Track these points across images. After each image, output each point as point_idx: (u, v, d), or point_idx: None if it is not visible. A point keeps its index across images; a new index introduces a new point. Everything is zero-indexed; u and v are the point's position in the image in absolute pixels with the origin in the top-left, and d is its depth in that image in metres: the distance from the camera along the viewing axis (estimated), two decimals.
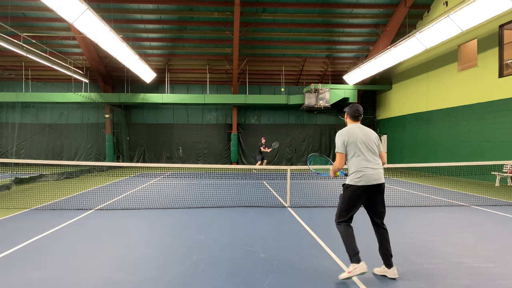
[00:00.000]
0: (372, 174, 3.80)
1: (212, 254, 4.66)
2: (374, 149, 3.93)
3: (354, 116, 4.05)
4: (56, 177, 13.68)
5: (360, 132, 3.94)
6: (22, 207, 7.95)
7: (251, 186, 12.13)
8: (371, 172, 3.80)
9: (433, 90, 17.31)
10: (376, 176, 3.81)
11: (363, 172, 3.80)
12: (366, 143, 3.90)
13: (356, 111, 4.04)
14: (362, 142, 3.88)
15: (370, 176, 3.79)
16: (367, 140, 3.91)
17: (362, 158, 3.84)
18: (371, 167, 3.82)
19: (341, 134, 3.97)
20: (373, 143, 3.94)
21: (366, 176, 3.79)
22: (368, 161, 3.84)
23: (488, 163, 11.02)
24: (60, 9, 9.95)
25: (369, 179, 3.79)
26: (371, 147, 3.90)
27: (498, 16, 11.83)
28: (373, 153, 3.91)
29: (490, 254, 4.73)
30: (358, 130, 3.96)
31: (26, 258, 4.48)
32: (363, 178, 3.79)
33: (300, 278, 3.86)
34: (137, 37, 19.18)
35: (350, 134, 3.91)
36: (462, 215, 7.29)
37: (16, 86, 22.19)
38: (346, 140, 3.90)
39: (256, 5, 16.86)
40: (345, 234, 3.83)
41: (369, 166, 3.82)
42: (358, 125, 4.03)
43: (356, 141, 3.88)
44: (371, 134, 3.99)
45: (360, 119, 4.09)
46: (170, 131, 23.50)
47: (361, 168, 3.82)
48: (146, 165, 8.69)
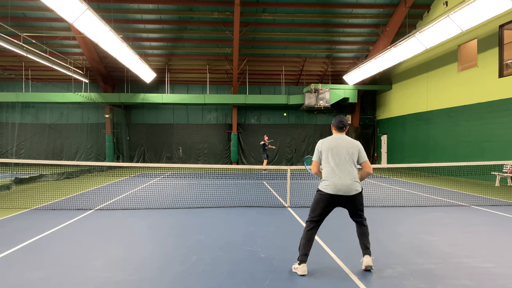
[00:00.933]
0: (339, 185, 3.89)
1: (212, 254, 4.66)
2: (348, 160, 3.97)
3: (338, 127, 4.19)
4: (56, 177, 13.68)
5: (336, 143, 4.04)
6: (22, 207, 7.95)
7: (251, 186, 12.13)
8: (337, 183, 3.90)
9: (433, 90, 17.31)
10: (342, 188, 3.89)
11: (330, 181, 3.94)
12: (340, 153, 3.98)
13: (340, 122, 4.18)
14: (336, 153, 3.99)
15: (336, 187, 3.90)
16: (341, 151, 3.99)
17: (331, 168, 3.97)
18: (338, 178, 3.91)
19: (319, 142, 4.16)
20: (348, 154, 3.99)
21: (332, 186, 3.92)
22: (334, 173, 3.94)
23: (488, 163, 11.03)
24: (60, 9, 9.95)
25: (335, 189, 3.90)
26: (344, 158, 3.97)
27: (498, 16, 11.82)
28: (345, 164, 3.95)
29: (490, 254, 4.73)
30: (336, 141, 4.06)
31: (26, 258, 4.48)
32: (329, 187, 3.93)
33: (300, 278, 3.86)
34: (137, 37, 19.18)
35: (326, 144, 4.07)
36: (462, 215, 7.29)
37: (16, 86, 22.18)
38: (321, 148, 4.09)
39: (256, 5, 16.86)
40: (304, 233, 4.03)
41: (336, 177, 3.92)
42: (340, 135, 4.13)
43: (330, 151, 4.01)
44: (349, 145, 4.03)
45: (344, 130, 4.19)
46: (170, 131, 23.50)
47: (328, 177, 3.96)
48: (146, 165, 8.69)
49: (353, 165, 3.99)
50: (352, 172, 3.95)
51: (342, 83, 22.22)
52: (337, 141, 4.05)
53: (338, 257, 4.56)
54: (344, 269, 4.14)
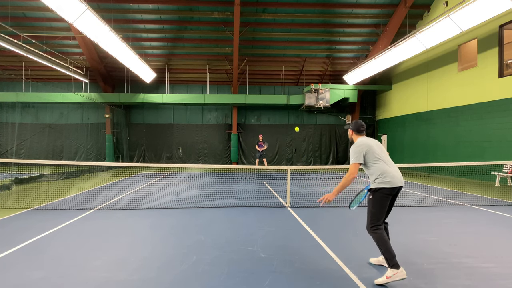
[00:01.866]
0: (397, 177, 3.99)
1: (212, 254, 4.66)
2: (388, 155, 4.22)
3: (360, 130, 4.29)
4: (56, 177, 13.67)
5: (374, 142, 4.18)
6: (22, 207, 7.95)
7: (251, 186, 12.13)
8: (396, 174, 4.00)
9: (433, 90, 17.31)
10: (400, 179, 4.02)
11: (390, 174, 3.97)
12: (382, 150, 4.17)
13: (361, 126, 4.30)
14: (378, 150, 4.11)
15: (396, 178, 3.97)
16: (381, 148, 4.18)
17: (383, 163, 4.04)
18: (395, 170, 4.04)
19: (356, 146, 4.11)
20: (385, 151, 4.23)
21: (393, 178, 3.96)
22: (389, 166, 4.05)
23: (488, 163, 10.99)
24: (60, 9, 9.95)
25: (395, 181, 3.96)
26: (386, 153, 4.20)
27: (498, 16, 11.83)
28: (389, 158, 4.19)
29: (490, 254, 4.73)
30: (371, 141, 4.19)
31: (26, 258, 4.48)
32: (392, 180, 3.95)
33: (300, 278, 3.86)
34: (137, 37, 19.18)
35: (365, 145, 4.08)
36: (462, 215, 7.29)
37: (16, 86, 22.18)
38: (363, 150, 4.05)
39: (256, 5, 16.86)
40: (380, 239, 3.85)
41: (392, 169, 4.02)
42: (365, 137, 4.26)
43: (374, 149, 4.08)
44: (380, 144, 4.27)
45: (364, 133, 4.33)
46: (170, 131, 23.49)
47: (386, 172, 3.98)
48: (146, 165, 8.69)
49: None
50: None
51: (342, 83, 22.22)
52: (372, 141, 4.19)
53: (338, 257, 4.56)
54: (344, 269, 4.14)
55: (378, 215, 3.94)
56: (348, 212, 7.65)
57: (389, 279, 3.70)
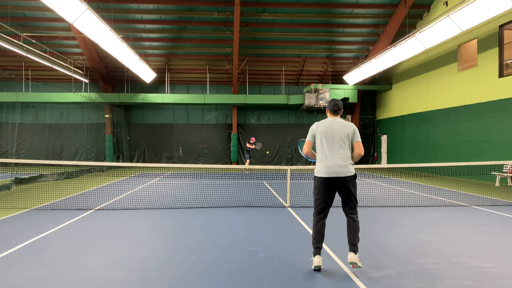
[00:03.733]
0: (332, 166, 3.92)
1: (212, 254, 4.65)
2: (339, 142, 3.99)
3: (333, 110, 4.20)
4: (56, 177, 13.67)
5: (331, 127, 4.05)
6: (22, 207, 7.95)
7: (251, 186, 12.13)
8: (330, 164, 3.94)
9: (433, 90, 17.31)
10: (335, 169, 3.92)
11: (323, 164, 3.99)
12: (332, 136, 4.00)
13: (334, 105, 4.19)
14: (327, 135, 4.01)
15: (329, 168, 3.93)
16: (333, 134, 4.01)
17: (323, 152, 4.01)
18: (331, 160, 3.95)
19: (313, 125, 4.19)
20: (340, 137, 4.00)
21: (326, 168, 3.94)
22: (326, 156, 3.98)
23: (488, 163, 11.02)
24: (60, 9, 9.95)
25: (328, 171, 3.93)
26: (336, 141, 3.99)
27: (498, 16, 11.82)
28: (337, 147, 3.98)
29: (490, 254, 4.73)
30: (329, 123, 4.09)
31: (26, 258, 4.48)
32: (323, 170, 3.97)
33: (300, 278, 3.85)
34: (137, 37, 19.18)
35: (320, 127, 4.09)
36: (462, 215, 7.28)
37: (16, 86, 22.18)
38: (315, 131, 4.12)
39: (256, 5, 16.86)
40: (314, 226, 4.12)
41: (329, 159, 3.96)
42: (334, 118, 4.15)
43: (324, 134, 4.03)
44: (341, 127, 4.04)
45: (339, 113, 4.20)
46: (170, 131, 23.49)
47: (320, 160, 4.03)
48: (146, 165, 8.69)
49: (346, 148, 4.01)
50: (345, 154, 3.98)
51: (342, 83, 22.22)
52: (332, 124, 4.07)
53: (338, 257, 4.56)
54: (344, 269, 4.14)
55: (314, 202, 4.11)
56: None
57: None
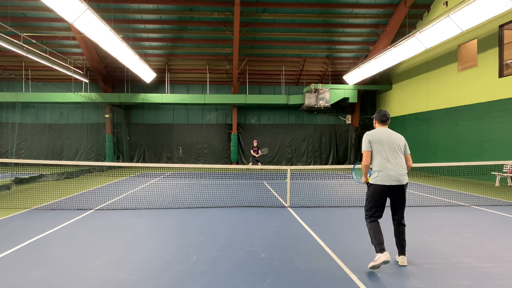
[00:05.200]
0: (392, 175, 4.02)
1: (212, 254, 4.65)
2: (399, 151, 4.14)
3: (382, 120, 4.36)
4: (56, 177, 13.67)
5: (384, 135, 4.20)
6: (22, 207, 7.95)
7: (251, 186, 12.13)
8: (390, 172, 4.02)
9: (433, 90, 17.31)
10: (395, 177, 4.02)
11: (383, 171, 4.04)
12: (389, 144, 4.13)
13: (383, 116, 4.35)
14: (385, 143, 4.13)
15: (390, 176, 4.01)
16: (390, 142, 4.15)
17: (383, 158, 4.08)
18: (391, 168, 4.04)
19: (367, 135, 4.26)
20: (396, 145, 4.15)
21: (386, 176, 4.02)
22: (388, 162, 4.06)
23: (488, 163, 11.01)
24: (60, 9, 9.94)
25: (388, 179, 4.01)
26: (394, 148, 4.13)
27: (498, 16, 11.82)
28: (395, 155, 4.11)
29: (490, 254, 4.73)
30: (383, 132, 4.22)
31: (26, 258, 4.48)
32: (384, 178, 4.02)
33: (300, 278, 3.85)
34: (137, 37, 19.18)
35: (374, 135, 4.20)
36: (462, 215, 7.29)
37: (16, 86, 22.19)
38: (371, 140, 4.19)
39: (256, 5, 16.86)
40: (370, 228, 4.15)
41: (389, 166, 4.04)
42: (384, 128, 4.30)
43: (380, 142, 4.14)
44: (396, 137, 4.23)
45: (387, 123, 4.36)
46: (170, 131, 23.49)
47: (381, 168, 4.06)
48: (146, 165, 8.69)
49: (403, 156, 4.16)
50: (403, 162, 4.16)
51: (342, 83, 22.21)
52: (386, 133, 4.19)
53: (338, 257, 4.56)
54: (344, 269, 4.14)
55: (369, 209, 4.18)
56: (348, 212, 7.66)
57: (375, 262, 3.96)
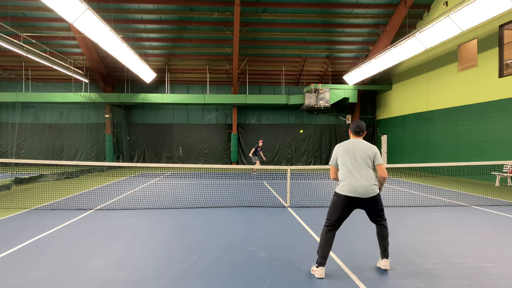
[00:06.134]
0: (356, 186, 3.91)
1: (212, 254, 4.66)
2: (364, 163, 3.99)
3: (356, 131, 4.23)
4: (56, 177, 13.67)
5: (352, 146, 4.07)
6: (22, 207, 7.95)
7: (251, 186, 12.13)
8: (354, 183, 3.92)
9: (433, 90, 17.31)
10: (359, 189, 3.90)
11: (346, 182, 3.97)
12: (356, 156, 4.01)
13: (357, 127, 4.22)
14: (352, 155, 4.02)
15: (353, 188, 3.91)
16: (357, 154, 4.01)
17: (347, 170, 4.00)
18: (355, 180, 3.93)
19: (335, 148, 4.23)
20: (364, 158, 4.00)
21: (349, 187, 3.93)
22: (351, 174, 3.96)
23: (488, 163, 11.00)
24: (60, 9, 9.94)
25: (352, 190, 3.91)
26: (360, 160, 3.99)
27: (498, 16, 11.83)
28: (362, 167, 3.97)
29: (490, 254, 4.73)
30: (352, 144, 4.10)
31: (26, 258, 4.48)
32: (346, 188, 3.94)
33: (300, 278, 3.86)
34: (137, 37, 19.18)
35: (342, 147, 4.13)
36: (462, 215, 7.29)
37: (16, 86, 22.18)
38: (337, 153, 4.15)
39: (256, 5, 16.86)
40: (322, 237, 4.01)
41: (353, 178, 3.94)
42: (356, 140, 4.16)
43: (347, 154, 4.04)
44: (365, 149, 4.05)
45: (361, 135, 4.23)
46: (170, 131, 23.49)
47: (345, 179, 3.99)
48: (146, 165, 8.69)
49: (369, 168, 4.01)
50: (369, 174, 3.97)
51: (342, 83, 22.22)
52: (353, 145, 4.08)
53: (338, 257, 4.56)
54: (344, 269, 4.14)
55: (330, 216, 4.04)
56: None
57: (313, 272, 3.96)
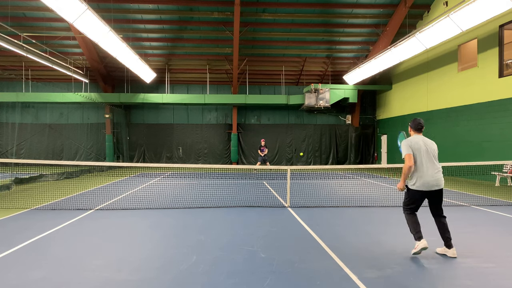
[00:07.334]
0: (430, 181, 4.33)
1: (212, 254, 4.66)
2: (435, 158, 4.45)
3: (417, 128, 4.63)
4: (56, 177, 13.67)
5: (422, 143, 4.46)
6: (22, 207, 7.95)
7: (251, 186, 12.13)
8: (429, 179, 4.33)
9: (433, 90, 17.31)
10: (433, 183, 4.34)
11: (422, 179, 4.35)
12: (427, 152, 4.40)
13: (418, 124, 4.63)
14: (424, 151, 4.40)
15: (428, 183, 4.32)
16: (428, 150, 4.41)
17: (422, 165, 4.36)
18: (430, 175, 4.34)
19: (406, 141, 4.50)
20: (434, 153, 4.45)
21: (425, 183, 4.33)
22: (427, 169, 4.35)
23: (488, 163, 11.01)
24: (60, 9, 9.94)
25: (427, 186, 4.34)
26: (431, 156, 4.41)
27: (498, 16, 11.82)
28: (433, 161, 4.41)
29: (490, 254, 4.73)
30: (421, 140, 4.47)
31: (26, 258, 4.48)
32: (422, 184, 4.35)
33: (300, 278, 3.86)
34: (137, 37, 19.18)
35: (413, 142, 4.46)
36: (462, 215, 7.29)
37: (16, 86, 22.18)
38: (411, 145, 4.45)
39: (256, 5, 16.86)
40: (408, 219, 4.63)
41: (428, 174, 4.34)
42: (420, 136, 4.56)
43: (419, 149, 4.40)
44: (432, 145, 4.51)
45: (422, 131, 4.62)
46: (170, 131, 23.49)
47: (420, 175, 4.36)
48: (146, 165, 8.69)
49: (438, 162, 4.51)
50: (439, 167, 4.47)
51: (342, 83, 22.22)
52: (424, 141, 4.47)
53: (338, 257, 4.56)
54: (344, 269, 4.14)
55: (408, 205, 4.63)
56: (348, 212, 7.66)
57: (415, 249, 4.46)
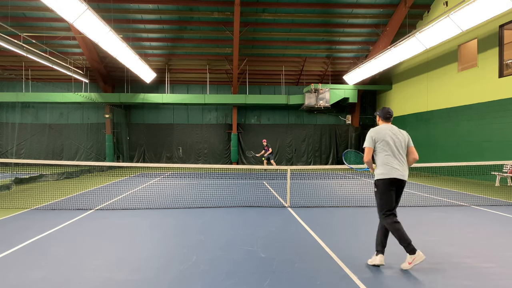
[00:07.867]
0: (397, 170, 4.15)
1: (212, 254, 4.66)
2: (402, 148, 4.28)
3: (386, 117, 4.45)
4: (56, 177, 13.67)
5: (389, 131, 4.29)
6: (22, 207, 7.95)
7: (251, 186, 12.13)
8: (398, 167, 4.16)
9: (433, 90, 17.31)
10: (399, 172, 4.15)
11: (390, 166, 4.17)
12: (395, 142, 4.25)
13: (387, 113, 4.44)
14: (392, 141, 4.24)
15: (398, 171, 4.15)
16: (394, 139, 4.25)
17: (389, 155, 4.20)
18: (398, 164, 4.18)
19: (371, 131, 4.34)
20: (400, 142, 4.28)
21: (394, 170, 4.15)
22: (394, 159, 4.19)
23: (488, 163, 11.01)
24: (60, 9, 9.95)
25: (397, 173, 4.15)
26: (399, 146, 4.26)
27: (498, 16, 11.83)
28: (400, 152, 4.25)
29: (490, 254, 4.73)
30: (390, 130, 4.32)
31: (26, 258, 4.48)
32: (389, 171, 4.15)
33: (300, 278, 3.86)
34: (137, 37, 19.18)
35: (379, 132, 4.28)
36: (462, 215, 7.29)
37: (16, 86, 22.18)
38: (375, 137, 4.27)
39: (256, 5, 16.86)
40: (392, 227, 4.10)
41: (395, 162, 4.17)
42: (388, 125, 4.39)
43: (384, 140, 4.24)
44: (400, 135, 4.32)
45: (390, 120, 4.45)
46: (170, 131, 23.49)
47: (388, 163, 4.19)
48: (146, 165, 8.69)
49: (405, 153, 4.31)
50: (405, 159, 4.29)
51: (342, 83, 22.22)
52: (391, 130, 4.30)
53: (338, 257, 4.56)
54: (344, 269, 4.14)
55: (385, 205, 4.18)
56: (348, 212, 7.66)
57: (411, 264, 4.06)
